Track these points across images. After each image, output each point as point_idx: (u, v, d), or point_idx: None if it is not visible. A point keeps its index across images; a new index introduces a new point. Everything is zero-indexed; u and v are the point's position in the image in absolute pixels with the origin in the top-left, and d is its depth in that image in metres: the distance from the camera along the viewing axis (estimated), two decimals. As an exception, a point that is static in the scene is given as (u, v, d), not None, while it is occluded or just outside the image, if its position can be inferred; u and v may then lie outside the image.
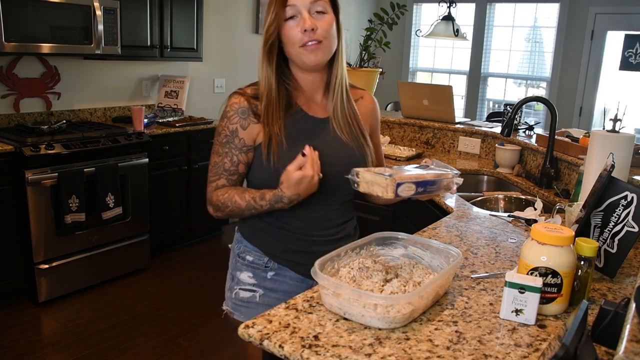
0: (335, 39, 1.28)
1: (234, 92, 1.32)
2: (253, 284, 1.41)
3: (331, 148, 1.30)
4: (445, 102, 3.12)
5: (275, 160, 1.25)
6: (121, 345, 2.64)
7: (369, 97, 1.45)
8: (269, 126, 1.26)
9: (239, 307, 1.44)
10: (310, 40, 1.22)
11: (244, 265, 1.42)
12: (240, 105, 1.29)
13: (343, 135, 1.33)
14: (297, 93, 1.32)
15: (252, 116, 1.28)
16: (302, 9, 1.22)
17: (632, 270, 1.36)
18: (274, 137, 1.25)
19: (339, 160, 1.30)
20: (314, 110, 1.34)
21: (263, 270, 1.40)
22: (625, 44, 4.95)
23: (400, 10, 3.38)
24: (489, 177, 2.67)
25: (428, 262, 1.22)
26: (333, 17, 1.27)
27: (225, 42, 4.61)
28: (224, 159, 1.31)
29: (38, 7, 2.91)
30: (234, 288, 1.44)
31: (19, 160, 2.79)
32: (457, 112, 3.18)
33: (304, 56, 1.25)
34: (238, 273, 1.43)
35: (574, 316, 0.82)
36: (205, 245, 4.00)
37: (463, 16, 5.83)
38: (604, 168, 1.31)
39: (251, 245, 1.41)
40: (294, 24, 1.23)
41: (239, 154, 1.30)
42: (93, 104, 3.74)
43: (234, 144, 1.29)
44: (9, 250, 2.86)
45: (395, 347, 0.93)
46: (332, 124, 1.33)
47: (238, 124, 1.28)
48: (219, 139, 1.31)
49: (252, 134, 1.29)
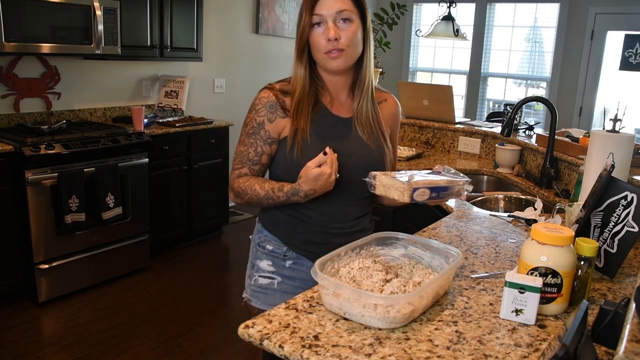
0: (359, 45, 1.33)
1: (264, 87, 1.39)
2: (272, 272, 1.46)
3: (352, 147, 1.36)
4: (445, 102, 3.12)
5: (298, 153, 1.32)
6: (121, 345, 2.64)
7: (392, 100, 1.51)
8: (296, 120, 1.33)
9: (257, 294, 1.49)
10: (333, 49, 1.29)
11: (264, 254, 1.48)
12: (268, 100, 1.35)
13: (364, 136, 1.38)
14: (323, 92, 1.39)
15: (280, 110, 1.35)
16: (328, 18, 1.28)
17: (632, 270, 1.36)
18: (300, 131, 1.32)
19: (359, 159, 1.36)
20: (338, 110, 1.39)
21: (282, 259, 1.46)
22: (625, 44, 4.95)
23: (400, 10, 3.38)
24: (489, 177, 2.67)
25: (428, 262, 1.22)
26: (359, 24, 1.32)
27: (225, 42, 4.62)
28: (249, 149, 1.37)
29: (38, 7, 2.91)
30: (253, 275, 1.50)
31: (19, 160, 2.79)
32: (457, 112, 3.18)
33: (327, 62, 1.32)
34: (258, 261, 1.49)
35: (574, 316, 0.82)
36: (205, 245, 4.00)
37: (463, 16, 5.83)
38: (604, 168, 1.31)
39: (271, 235, 1.46)
40: (319, 31, 1.29)
41: (263, 145, 1.36)
42: (93, 104, 3.75)
43: (260, 135, 1.36)
44: (9, 250, 2.86)
45: (395, 347, 0.93)
46: (354, 124, 1.39)
47: (265, 117, 1.35)
48: (245, 130, 1.39)
49: (278, 128, 1.35)
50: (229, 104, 4.73)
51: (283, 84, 1.39)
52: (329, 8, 1.27)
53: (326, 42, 1.28)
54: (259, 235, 1.50)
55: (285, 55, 5.17)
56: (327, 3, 1.27)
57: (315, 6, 1.28)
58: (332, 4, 1.27)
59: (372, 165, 1.35)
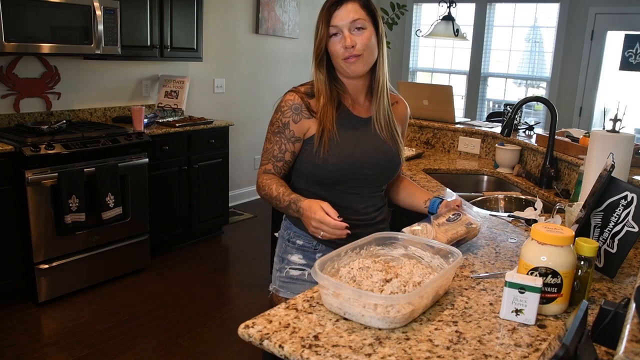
0: (375, 50, 1.44)
1: (290, 90, 1.49)
2: (303, 264, 1.55)
3: (372, 144, 1.48)
4: (445, 102, 3.12)
5: (325, 152, 1.42)
6: (121, 345, 2.64)
7: (403, 103, 1.64)
8: (323, 122, 1.43)
9: (287, 284, 1.56)
10: (350, 55, 1.39)
11: (294, 248, 1.56)
12: (294, 102, 1.45)
13: (382, 134, 1.50)
14: (345, 95, 1.49)
15: (305, 111, 1.45)
16: (344, 28, 1.39)
17: (632, 270, 1.36)
18: (327, 132, 1.42)
19: (379, 155, 1.49)
20: (358, 111, 1.50)
21: (312, 252, 1.54)
22: (625, 44, 4.95)
23: (400, 10, 3.38)
24: (489, 177, 2.67)
25: (428, 262, 1.22)
26: (372, 30, 1.42)
27: (225, 42, 4.62)
28: (274, 146, 1.48)
29: (38, 7, 2.91)
30: (284, 268, 1.57)
31: (19, 160, 2.79)
32: (457, 112, 3.18)
33: (346, 68, 1.42)
34: (289, 255, 1.57)
35: (574, 316, 0.82)
36: (205, 245, 4.00)
37: (463, 16, 5.83)
38: (604, 168, 1.31)
39: (300, 231, 1.54)
40: (337, 40, 1.40)
41: (287, 142, 1.47)
42: (93, 104, 3.75)
43: (284, 134, 1.46)
44: (9, 250, 2.86)
45: (395, 347, 0.93)
46: (373, 124, 1.49)
47: (290, 118, 1.45)
48: (271, 129, 1.49)
49: (303, 128, 1.46)
50: (229, 103, 4.73)
51: (307, 87, 1.49)
52: (343, 19, 1.38)
53: (344, 49, 1.39)
54: (288, 232, 1.58)
55: (285, 55, 5.17)
56: (342, 14, 1.38)
57: (331, 19, 1.39)
58: (346, 15, 1.38)
59: (391, 159, 1.51)
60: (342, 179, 1.46)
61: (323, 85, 1.45)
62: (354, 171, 1.45)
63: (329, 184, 1.47)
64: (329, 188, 1.48)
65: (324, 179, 1.46)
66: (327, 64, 1.45)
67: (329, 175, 1.44)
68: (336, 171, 1.43)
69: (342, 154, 1.43)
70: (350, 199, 1.50)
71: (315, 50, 1.44)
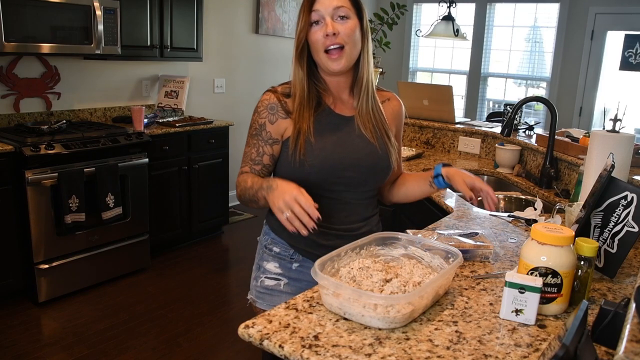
0: (358, 45, 1.35)
1: (267, 89, 1.41)
2: (278, 274, 1.47)
3: (355, 144, 1.38)
4: (445, 102, 3.12)
5: (301, 156, 1.33)
6: (121, 345, 2.64)
7: (396, 99, 1.52)
8: (298, 123, 1.34)
9: (263, 295, 1.49)
10: (332, 44, 1.30)
11: (271, 256, 1.49)
12: (269, 102, 1.37)
13: (367, 133, 1.39)
14: (326, 93, 1.41)
15: (281, 112, 1.36)
16: (326, 15, 1.30)
17: (632, 270, 1.36)
18: (302, 133, 1.34)
19: (363, 156, 1.38)
20: (340, 109, 1.41)
21: (289, 261, 1.47)
22: (625, 44, 4.95)
23: (400, 10, 3.38)
24: (489, 177, 2.67)
25: (428, 262, 1.22)
26: (357, 22, 1.33)
27: (225, 42, 4.62)
28: (252, 149, 1.41)
29: (38, 7, 2.91)
30: (259, 277, 1.50)
31: (19, 160, 2.79)
32: (457, 112, 3.18)
33: (328, 64, 1.33)
34: (265, 263, 1.50)
35: (574, 316, 0.82)
36: (205, 245, 4.00)
37: (463, 16, 5.83)
38: (604, 168, 1.31)
39: (278, 238, 1.47)
40: (317, 29, 1.31)
41: (264, 145, 1.38)
42: (93, 104, 3.75)
43: (261, 136, 1.38)
44: (9, 250, 2.86)
45: (395, 347, 0.93)
46: (357, 122, 1.39)
47: (266, 119, 1.37)
48: (250, 132, 1.42)
49: (280, 129, 1.37)
50: (229, 104, 4.73)
51: (285, 86, 1.41)
52: (326, 5, 1.30)
53: (324, 37, 1.30)
54: (265, 238, 1.51)
55: (285, 55, 5.17)
56: (325, 1, 1.30)
57: (314, 4, 1.30)
58: (329, 2, 1.30)
59: (376, 161, 1.39)
60: (321, 183, 1.36)
61: (300, 83, 1.36)
62: (333, 173, 1.35)
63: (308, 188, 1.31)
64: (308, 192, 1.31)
65: (303, 183, 1.31)
66: (308, 60, 1.36)
67: (307, 179, 1.33)
68: (314, 173, 1.34)
69: (320, 155, 1.33)
70: (331, 206, 1.39)
71: (295, 41, 1.35)
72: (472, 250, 1.36)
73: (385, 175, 1.44)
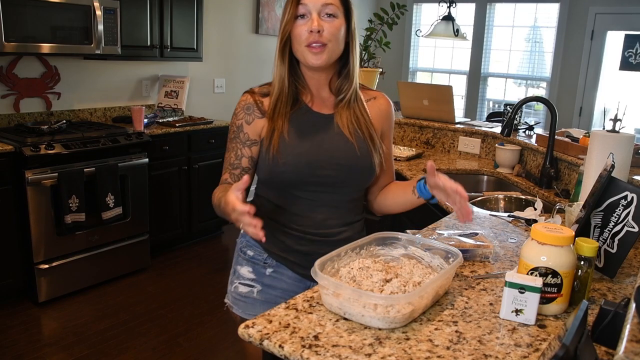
0: (342, 43, 1.30)
1: (245, 91, 1.38)
2: (252, 279, 1.43)
3: (334, 143, 1.32)
4: (445, 102, 3.12)
5: (275, 153, 1.28)
6: (121, 345, 2.64)
7: (383, 98, 1.44)
8: (273, 120, 1.31)
9: (238, 302, 1.46)
10: (315, 41, 1.25)
11: (245, 259, 1.44)
12: (246, 102, 1.35)
13: (347, 132, 1.33)
14: (304, 91, 1.36)
15: (257, 111, 1.33)
16: (313, 10, 1.25)
17: (632, 270, 1.36)
18: (277, 131, 1.30)
19: (341, 155, 1.31)
20: (319, 107, 1.35)
21: (262, 266, 1.41)
22: (625, 44, 4.95)
23: (400, 10, 3.38)
24: (489, 177, 2.67)
25: (428, 262, 1.22)
26: (343, 22, 1.29)
27: (225, 42, 4.62)
28: (231, 153, 1.36)
29: (38, 7, 2.91)
30: (233, 282, 1.47)
31: (19, 160, 2.79)
32: (457, 112, 3.18)
33: (307, 57, 1.27)
34: (239, 267, 1.46)
35: (574, 316, 0.82)
36: (205, 245, 4.00)
37: (463, 16, 5.83)
38: (604, 168, 1.31)
39: (252, 241, 1.42)
40: (302, 23, 1.26)
41: (242, 147, 1.34)
42: (93, 104, 3.74)
43: (239, 138, 1.34)
44: (9, 250, 2.86)
45: (395, 347, 0.93)
46: (336, 120, 1.34)
47: (243, 120, 1.34)
48: (229, 136, 1.38)
49: (257, 129, 1.33)
50: (229, 104, 4.73)
51: (263, 87, 1.37)
52: (315, 0, 1.25)
53: (308, 33, 1.25)
54: (241, 240, 1.46)
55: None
56: None
57: None
58: None
59: (356, 162, 1.32)
60: (297, 182, 1.30)
61: (280, 79, 1.31)
62: (309, 172, 1.29)
63: (284, 188, 1.32)
64: (285, 193, 1.33)
65: (278, 182, 1.31)
66: (289, 55, 1.31)
67: (282, 177, 1.29)
68: (289, 172, 1.28)
69: (294, 153, 1.28)
70: (307, 207, 1.33)
71: (279, 35, 1.29)
72: (472, 250, 1.36)
73: (366, 177, 1.36)
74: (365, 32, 3.36)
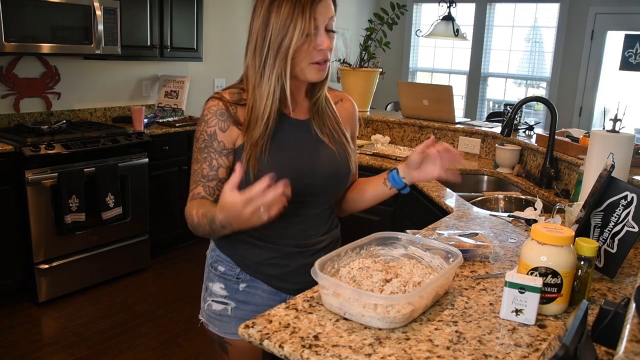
0: None
1: (211, 96, 1.25)
2: (225, 296, 1.36)
3: (313, 149, 1.27)
4: (445, 102, 3.12)
5: (254, 166, 1.19)
6: (121, 345, 2.64)
7: (348, 100, 1.41)
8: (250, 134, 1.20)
9: (213, 320, 1.40)
10: (323, 59, 1.18)
11: (216, 276, 1.37)
12: (218, 108, 1.21)
13: (324, 137, 1.28)
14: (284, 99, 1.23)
15: (230, 119, 1.21)
16: (321, 25, 1.16)
17: (632, 270, 1.36)
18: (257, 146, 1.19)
19: (324, 162, 1.27)
20: (296, 113, 1.28)
21: (235, 282, 1.34)
22: (625, 44, 4.96)
23: (400, 10, 3.38)
24: (489, 177, 2.67)
25: (428, 262, 1.22)
26: None
27: (225, 42, 4.62)
28: (202, 164, 1.22)
29: (38, 7, 2.91)
30: (206, 299, 1.41)
31: (19, 160, 2.79)
32: (457, 112, 3.18)
33: (310, 73, 1.20)
34: (210, 284, 1.39)
35: (574, 316, 0.82)
36: (205, 246, 3.98)
37: (463, 16, 5.84)
38: (604, 168, 1.31)
39: (224, 255, 1.35)
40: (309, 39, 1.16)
41: (218, 157, 1.22)
42: (93, 104, 3.75)
43: (213, 147, 1.21)
44: (9, 250, 2.86)
45: (395, 347, 0.93)
46: (313, 126, 1.29)
47: (217, 127, 1.21)
48: (197, 145, 1.24)
49: (232, 137, 1.22)
50: (229, 104, 4.73)
51: (232, 90, 1.25)
52: (324, 14, 1.15)
53: (316, 51, 1.16)
54: (211, 255, 1.39)
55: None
56: (323, 8, 1.15)
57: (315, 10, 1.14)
58: (326, 10, 1.16)
59: (338, 168, 1.29)
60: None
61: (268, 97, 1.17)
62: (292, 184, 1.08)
63: None
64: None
65: None
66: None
67: None
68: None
69: (276, 165, 1.19)
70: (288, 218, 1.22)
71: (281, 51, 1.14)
72: (472, 250, 1.36)
73: (346, 181, 1.33)
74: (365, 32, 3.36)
